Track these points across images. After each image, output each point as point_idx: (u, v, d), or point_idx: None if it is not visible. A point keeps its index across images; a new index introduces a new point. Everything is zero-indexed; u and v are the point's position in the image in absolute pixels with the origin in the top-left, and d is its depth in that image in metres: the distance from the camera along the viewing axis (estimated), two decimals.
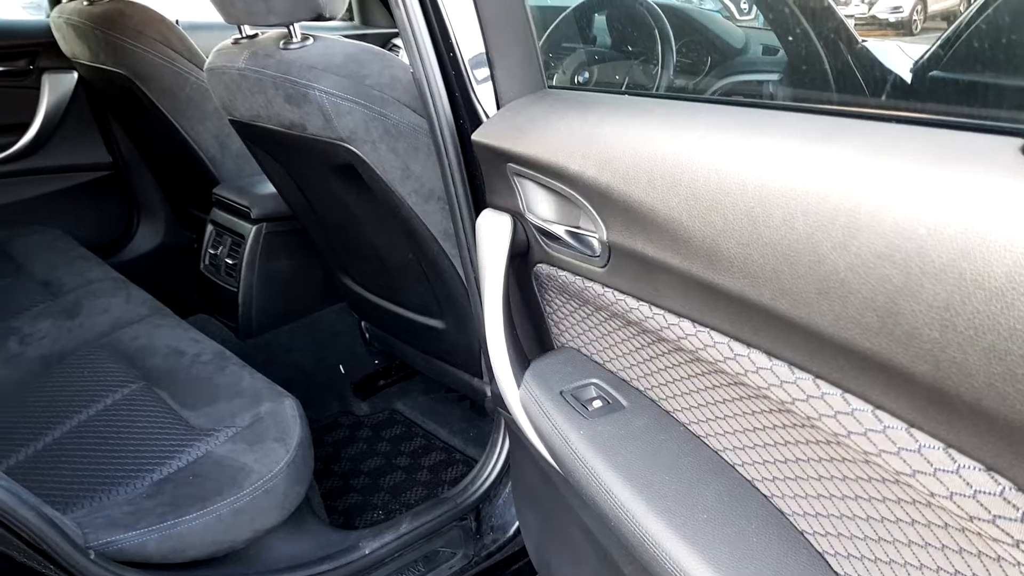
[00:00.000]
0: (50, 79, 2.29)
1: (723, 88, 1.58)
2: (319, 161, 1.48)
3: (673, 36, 1.60)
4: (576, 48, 1.73)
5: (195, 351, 1.63)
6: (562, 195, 0.90)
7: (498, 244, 1.02)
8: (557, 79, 1.58)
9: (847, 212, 0.54)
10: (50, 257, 2.07)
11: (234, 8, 1.31)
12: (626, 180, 0.76)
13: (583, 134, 0.85)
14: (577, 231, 0.90)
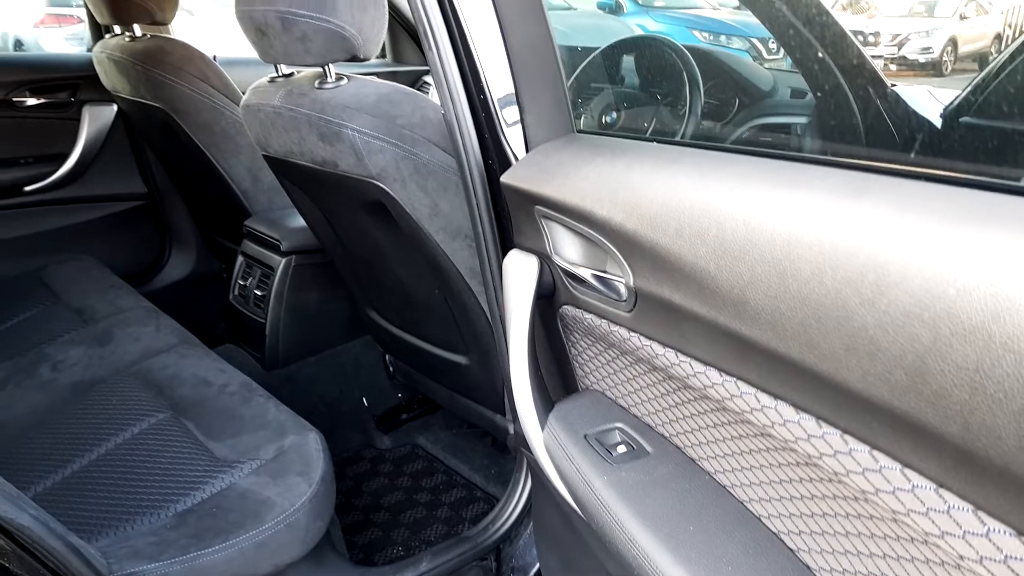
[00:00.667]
0: (90, 111, 2.36)
1: (751, 130, 1.59)
2: (349, 197, 1.50)
3: (701, 78, 1.62)
4: (604, 88, 1.75)
5: (222, 382, 1.65)
6: (589, 239, 0.91)
7: (524, 285, 1.03)
8: (585, 119, 1.59)
9: (876, 269, 0.54)
10: (84, 285, 2.11)
11: (272, 49, 1.35)
12: (653, 227, 0.77)
13: (611, 180, 0.86)
14: (604, 275, 0.90)
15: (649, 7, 7.64)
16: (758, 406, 0.69)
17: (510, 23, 1.05)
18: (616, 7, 7.77)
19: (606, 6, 7.87)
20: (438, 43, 1.16)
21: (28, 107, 2.31)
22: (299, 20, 1.27)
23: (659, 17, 7.49)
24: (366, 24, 1.31)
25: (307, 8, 1.27)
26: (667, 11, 7.44)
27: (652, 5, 7.56)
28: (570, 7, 6.87)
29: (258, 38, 1.36)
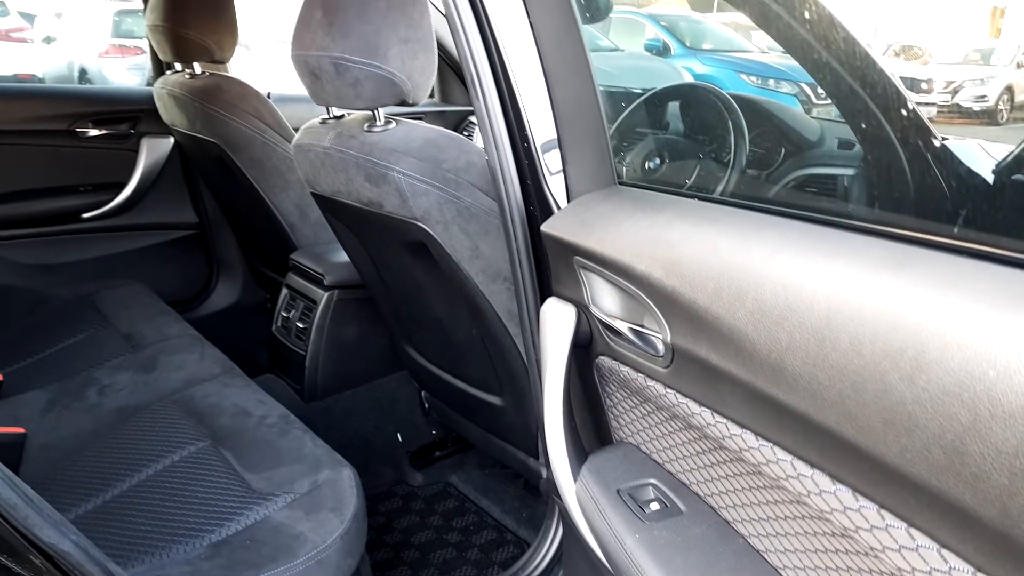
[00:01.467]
0: (149, 143, 2.45)
1: (797, 181, 1.58)
2: (393, 237, 1.53)
3: (746, 126, 1.62)
4: (648, 136, 1.76)
5: (261, 413, 1.68)
6: (627, 292, 0.91)
7: (561, 334, 1.03)
8: (628, 167, 1.60)
9: (915, 345, 0.54)
10: (133, 311, 2.17)
11: (325, 92, 1.39)
12: (692, 286, 0.77)
13: (651, 235, 0.87)
14: (641, 330, 0.91)
15: (697, 50, 7.61)
16: (794, 474, 0.68)
17: (556, 77, 1.07)
18: (664, 49, 7.75)
19: (654, 48, 7.86)
20: (484, 92, 1.19)
21: (90, 137, 2.41)
22: (352, 66, 1.31)
23: (707, 60, 7.46)
24: (416, 71, 1.34)
25: (360, 55, 1.31)
26: (715, 54, 7.40)
27: (700, 48, 7.53)
28: (617, 48, 6.88)
29: (312, 81, 1.40)
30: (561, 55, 1.06)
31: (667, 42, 7.15)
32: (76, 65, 7.56)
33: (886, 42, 7.97)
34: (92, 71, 7.36)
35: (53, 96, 2.55)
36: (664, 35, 7.20)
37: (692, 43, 7.13)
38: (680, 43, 7.15)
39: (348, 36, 1.31)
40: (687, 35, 7.21)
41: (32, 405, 1.74)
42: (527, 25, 1.10)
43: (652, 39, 7.27)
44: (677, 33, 7.21)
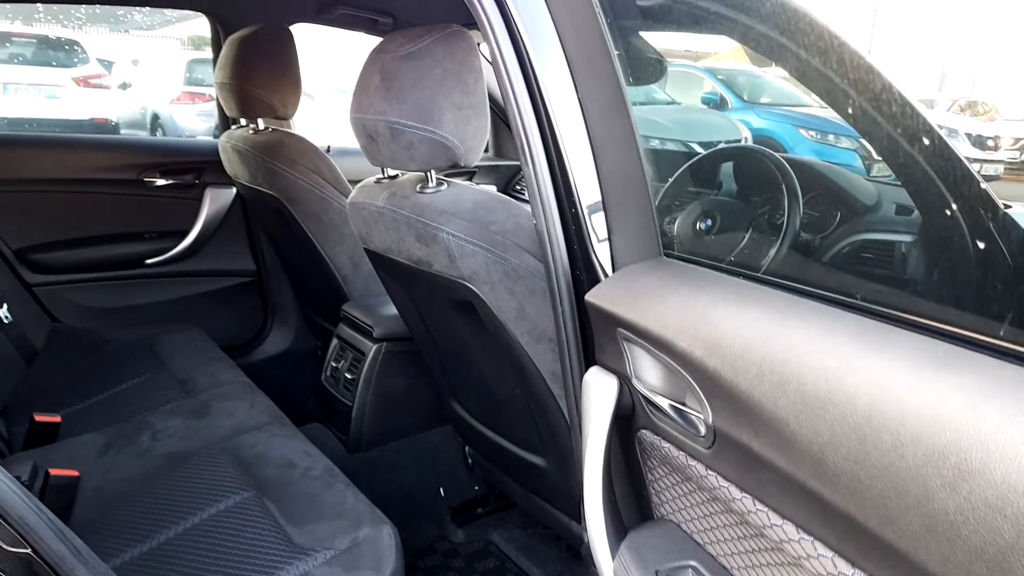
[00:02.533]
0: (212, 193, 2.55)
1: (852, 246, 1.56)
2: (440, 294, 1.55)
3: (800, 189, 1.61)
4: (701, 193, 1.76)
5: (306, 464, 1.69)
6: (670, 368, 0.91)
7: (603, 405, 1.03)
8: (680, 222, 1.60)
9: (958, 452, 0.52)
10: (189, 356, 2.22)
11: (380, 154, 1.43)
12: (734, 369, 0.77)
13: (694, 313, 0.86)
14: (683, 408, 0.90)
15: (755, 103, 7.54)
16: (835, 572, 0.66)
17: (602, 149, 1.08)
18: (721, 102, 7.71)
19: (711, 101, 7.83)
20: (534, 157, 1.21)
21: (157, 187, 2.52)
22: (406, 130, 1.35)
23: (764, 114, 7.38)
24: (468, 135, 1.38)
25: (414, 119, 1.34)
26: (773, 108, 7.31)
27: (758, 101, 7.46)
28: (674, 101, 6.89)
29: (368, 143, 1.45)
30: (608, 128, 1.07)
31: (724, 96, 7.16)
32: (149, 110, 7.92)
33: (950, 97, 7.82)
34: (164, 116, 7.69)
35: (125, 147, 2.68)
36: (721, 88, 7.21)
37: (750, 97, 7.12)
38: (738, 97, 7.14)
39: (404, 101, 1.35)
40: (745, 89, 7.20)
41: (88, 447, 1.79)
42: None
43: (709, 92, 7.29)
44: (735, 87, 7.21)
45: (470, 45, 1.39)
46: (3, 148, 2.45)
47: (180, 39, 9.35)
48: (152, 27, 9.00)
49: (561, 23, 1.08)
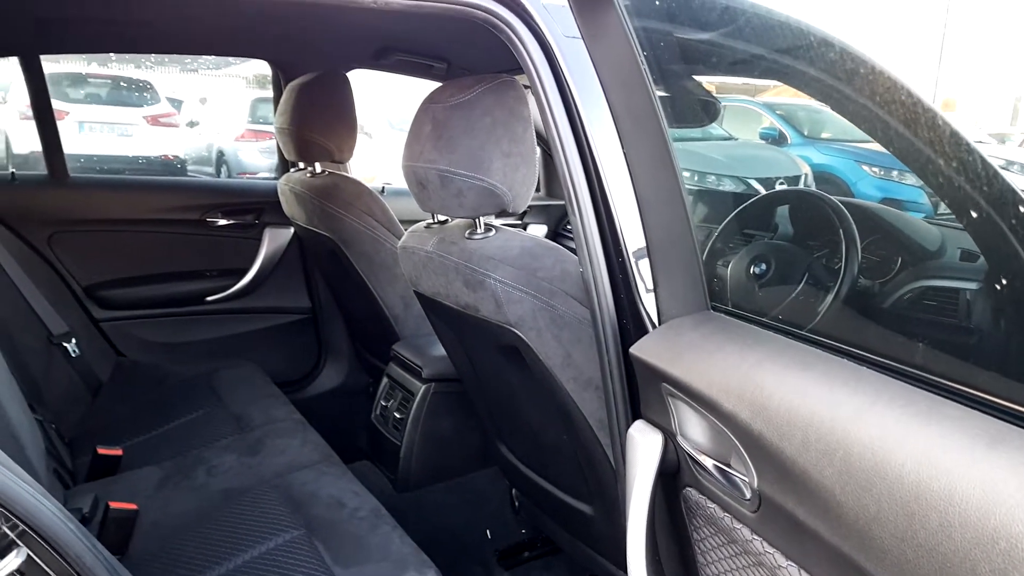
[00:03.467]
0: (271, 232, 2.63)
1: (913, 293, 1.52)
2: (488, 339, 1.56)
3: (858, 235, 1.57)
4: (756, 237, 1.74)
5: (354, 505, 1.71)
6: (715, 428, 0.89)
7: (647, 462, 1.02)
8: (734, 265, 1.58)
9: (1008, 538, 0.51)
10: (244, 391, 2.27)
11: (430, 201, 1.46)
12: (779, 433, 0.75)
13: (740, 373, 0.85)
14: (727, 470, 0.88)
15: (815, 139, 7.38)
16: None
17: (648, 203, 1.08)
18: (779, 137, 7.57)
19: (769, 136, 7.69)
20: (581, 208, 1.22)
21: (219, 226, 2.61)
22: (456, 178, 1.37)
23: (825, 149, 7.22)
24: (517, 182, 1.39)
25: (464, 168, 1.37)
26: (834, 143, 7.15)
27: (818, 137, 7.30)
28: (731, 137, 6.78)
29: (419, 190, 1.48)
30: (653, 183, 1.08)
31: (783, 131, 7.06)
32: (215, 147, 8.20)
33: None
34: (228, 152, 7.96)
35: (189, 188, 2.79)
36: (780, 124, 7.11)
37: (810, 132, 7.00)
38: (797, 132, 7.03)
39: (454, 150, 1.38)
40: (805, 124, 7.08)
41: (147, 481, 1.84)
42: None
43: (767, 128, 7.20)
44: (794, 122, 7.10)
45: (519, 94, 1.41)
46: (77, 190, 2.58)
47: (246, 78, 9.68)
48: (219, 66, 9.34)
49: (606, 79, 1.09)
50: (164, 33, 2.30)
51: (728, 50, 1.60)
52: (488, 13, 1.25)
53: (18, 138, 6.85)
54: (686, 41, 1.53)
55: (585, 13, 1.03)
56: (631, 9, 1.16)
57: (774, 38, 1.42)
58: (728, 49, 1.59)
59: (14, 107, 6.36)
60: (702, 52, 1.61)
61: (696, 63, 1.70)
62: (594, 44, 1.07)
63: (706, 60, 1.70)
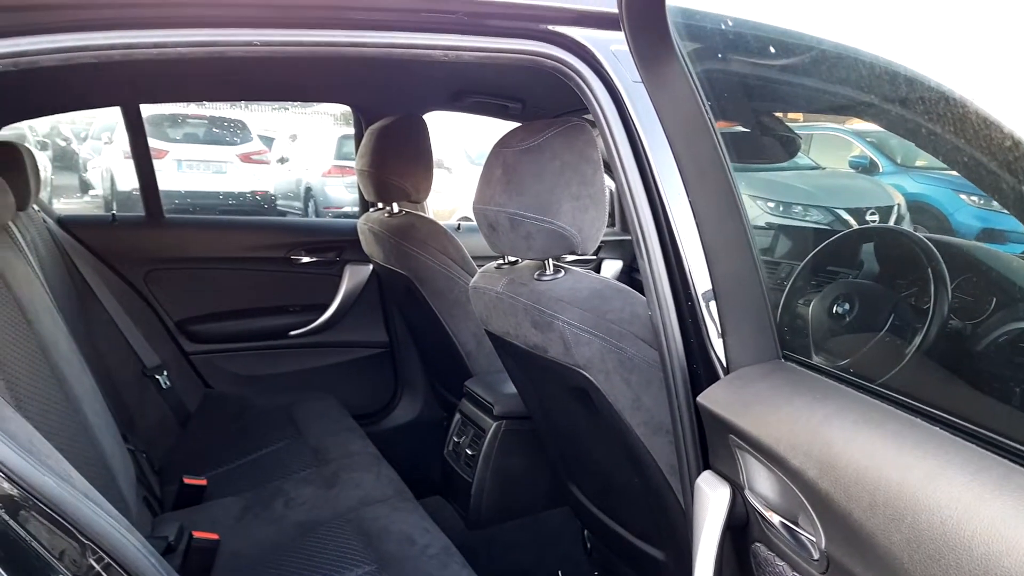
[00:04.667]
0: (351, 269, 2.73)
1: (1008, 335, 1.44)
2: (557, 379, 1.56)
3: (948, 274, 1.51)
4: (839, 274, 1.69)
5: (425, 542, 1.72)
6: (784, 484, 0.87)
7: (714, 515, 1.00)
8: (816, 305, 1.54)
9: None
10: (323, 424, 2.34)
11: (500, 243, 1.48)
12: (847, 494, 0.73)
13: (808, 428, 0.83)
14: (794, 528, 0.86)
15: (909, 167, 7.06)
16: None
17: (714, 252, 1.07)
18: (871, 166, 7.27)
19: (859, 165, 7.41)
20: (650, 252, 1.21)
21: (302, 263, 2.71)
22: (525, 221, 1.39)
23: (920, 177, 6.90)
24: (586, 224, 1.40)
25: (533, 211, 1.38)
26: (929, 171, 6.82)
27: (912, 165, 6.98)
28: (818, 166, 6.56)
29: (489, 232, 1.50)
30: (719, 231, 1.07)
31: (874, 159, 6.81)
32: (303, 183, 8.52)
33: None
34: (316, 187, 8.26)
35: (275, 227, 2.92)
36: (871, 152, 6.86)
37: (904, 160, 6.72)
38: (890, 160, 6.77)
39: (523, 194, 1.40)
40: (898, 152, 6.81)
41: (229, 511, 1.91)
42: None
43: (858, 156, 6.97)
44: (886, 150, 6.83)
45: (588, 138, 1.42)
46: (172, 230, 2.73)
47: (333, 115, 10.02)
48: (309, 104, 9.69)
49: (669, 128, 1.09)
50: (253, 82, 2.43)
51: (804, 88, 1.57)
52: (557, 61, 1.27)
53: (122, 176, 7.30)
54: (758, 78, 1.52)
55: (647, 63, 1.04)
56: (697, 55, 1.16)
57: (850, 74, 1.40)
58: (804, 87, 1.56)
59: (119, 147, 6.78)
60: (776, 89, 1.59)
61: (771, 100, 1.68)
62: (657, 94, 1.07)
63: (782, 97, 1.68)
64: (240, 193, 8.24)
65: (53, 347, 1.62)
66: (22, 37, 0.93)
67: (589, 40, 1.26)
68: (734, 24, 1.22)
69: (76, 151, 10.00)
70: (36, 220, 2.25)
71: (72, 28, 0.96)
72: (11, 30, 0.92)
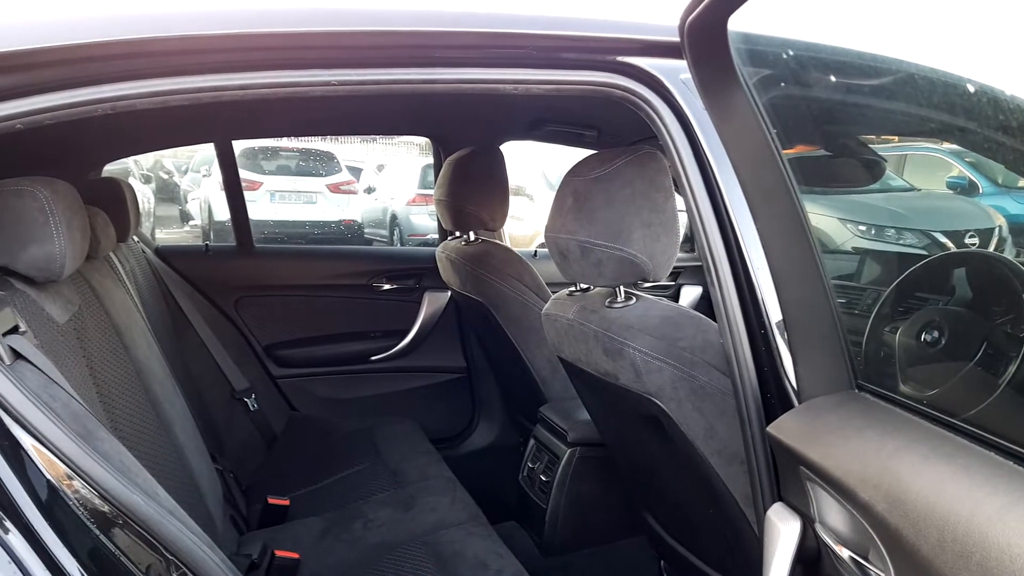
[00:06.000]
0: (430, 296, 2.80)
1: None
2: (628, 407, 1.55)
3: None
4: (929, 300, 1.63)
5: (497, 567, 1.74)
6: (854, 518, 0.85)
7: (784, 549, 0.98)
8: (904, 330, 1.49)
9: None
10: (402, 447, 2.38)
11: (571, 270, 1.50)
12: (916, 530, 0.71)
13: (878, 461, 0.81)
14: (865, 565, 0.83)
15: (1011, 187, 6.70)
16: None
17: (783, 279, 1.06)
18: (969, 187, 6.93)
19: (957, 185, 7.07)
20: (721, 279, 1.20)
21: (383, 291, 2.80)
22: (596, 248, 1.40)
23: (1023, 199, 6.50)
24: (657, 252, 1.40)
25: (603, 239, 1.39)
26: None
27: (1015, 185, 6.63)
28: (913, 188, 6.29)
29: (561, 260, 1.52)
30: (787, 260, 1.05)
31: (973, 180, 6.50)
32: (388, 211, 8.76)
33: None
34: (400, 216, 8.47)
35: (357, 256, 3.02)
36: (969, 172, 6.55)
37: (1005, 180, 6.38)
38: (990, 180, 6.44)
39: (594, 221, 1.41)
40: (999, 172, 6.48)
41: (310, 531, 1.97)
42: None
43: (956, 177, 6.66)
44: (986, 170, 6.51)
45: (660, 165, 1.43)
46: (261, 259, 2.87)
47: (419, 145, 10.26)
48: (394, 136, 9.97)
49: (735, 158, 1.09)
50: (335, 118, 2.54)
51: (884, 111, 1.54)
52: (625, 91, 1.28)
53: (219, 207, 7.67)
54: (835, 102, 1.49)
55: (710, 93, 1.04)
56: (766, 81, 1.16)
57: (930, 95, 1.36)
58: (884, 110, 1.52)
59: (216, 180, 7.14)
60: (854, 113, 1.56)
61: (849, 124, 1.65)
62: (721, 122, 1.07)
63: (860, 121, 1.64)
64: (327, 222, 8.54)
65: (148, 371, 1.72)
66: (122, 83, 1.01)
67: (658, 69, 1.27)
68: (800, 48, 1.21)
69: (177, 183, 10.58)
70: (135, 250, 2.40)
71: (167, 73, 1.03)
72: (111, 76, 1.00)
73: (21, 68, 0.98)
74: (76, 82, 1.00)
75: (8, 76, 0.97)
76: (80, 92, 1.00)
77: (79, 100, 1.00)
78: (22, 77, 0.98)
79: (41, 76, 0.99)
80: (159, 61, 1.04)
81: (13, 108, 0.98)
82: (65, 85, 1.00)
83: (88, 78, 1.01)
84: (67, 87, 1.00)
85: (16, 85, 0.98)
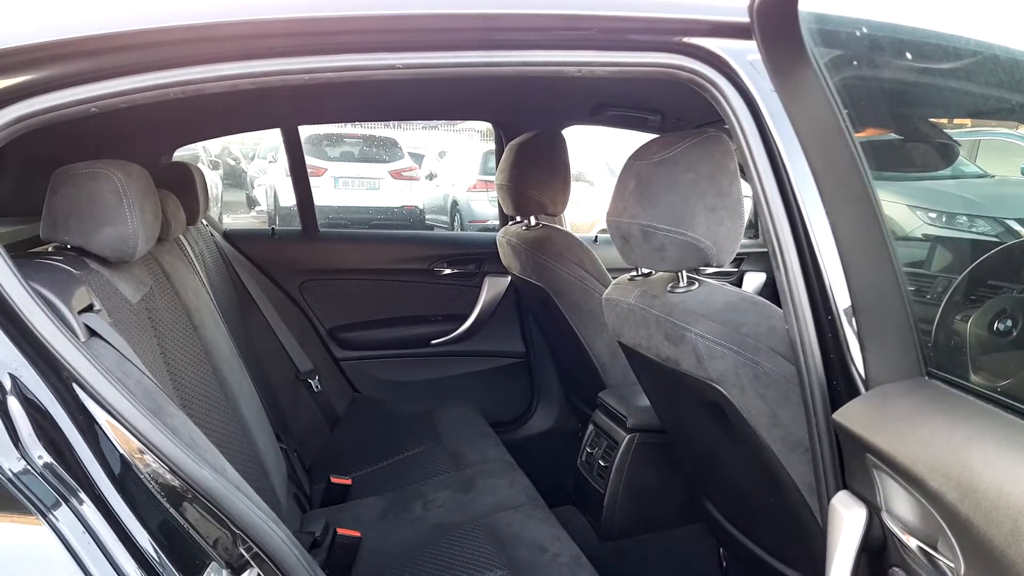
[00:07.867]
0: (490, 281, 2.81)
1: None
2: (689, 393, 1.54)
3: None
4: (1003, 288, 1.58)
5: (555, 550, 1.75)
6: (922, 507, 0.83)
7: (849, 537, 0.96)
8: (975, 319, 1.44)
9: None
10: (461, 430, 2.41)
11: (633, 254, 1.49)
12: (988, 519, 0.69)
13: (948, 450, 0.79)
14: (933, 554, 0.81)
15: None
16: None
17: (852, 266, 1.03)
18: None
19: None
20: (787, 264, 1.18)
21: (444, 275, 2.82)
22: (658, 232, 1.39)
23: None
24: (721, 236, 1.38)
25: (666, 223, 1.38)
26: None
27: None
28: (985, 173, 6.10)
29: (622, 244, 1.51)
30: (857, 244, 1.03)
31: None
32: (449, 197, 8.83)
33: None
34: (461, 202, 8.53)
35: (419, 240, 3.06)
36: None
37: None
38: None
39: (657, 205, 1.40)
40: None
41: (371, 510, 2.01)
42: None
43: None
44: None
45: (725, 148, 1.40)
46: (325, 243, 2.93)
47: (480, 131, 10.29)
48: (456, 121, 10.05)
49: (804, 138, 1.06)
50: (399, 103, 2.57)
51: (959, 92, 1.48)
52: (692, 73, 1.26)
53: (284, 193, 7.85)
54: (907, 83, 1.44)
55: (780, 73, 1.02)
56: (837, 62, 1.13)
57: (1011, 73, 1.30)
58: (959, 91, 1.47)
59: (281, 166, 7.30)
60: (928, 94, 1.50)
61: (923, 105, 1.59)
62: (791, 103, 1.05)
63: (935, 103, 1.58)
64: (389, 208, 8.66)
65: (216, 351, 1.78)
66: (192, 67, 1.04)
67: (725, 51, 1.25)
68: (873, 28, 1.18)
69: (244, 170, 10.87)
70: (204, 234, 2.48)
71: (235, 57, 1.06)
72: (181, 61, 1.04)
73: (96, 53, 1.02)
74: (148, 66, 1.04)
75: (84, 61, 1.01)
76: (152, 76, 1.04)
77: (151, 84, 1.04)
78: (97, 62, 1.02)
79: (115, 61, 1.03)
80: (227, 46, 1.06)
81: (88, 92, 1.02)
82: (137, 69, 1.03)
83: (159, 62, 1.04)
84: (139, 71, 1.03)
85: (91, 69, 1.02)
